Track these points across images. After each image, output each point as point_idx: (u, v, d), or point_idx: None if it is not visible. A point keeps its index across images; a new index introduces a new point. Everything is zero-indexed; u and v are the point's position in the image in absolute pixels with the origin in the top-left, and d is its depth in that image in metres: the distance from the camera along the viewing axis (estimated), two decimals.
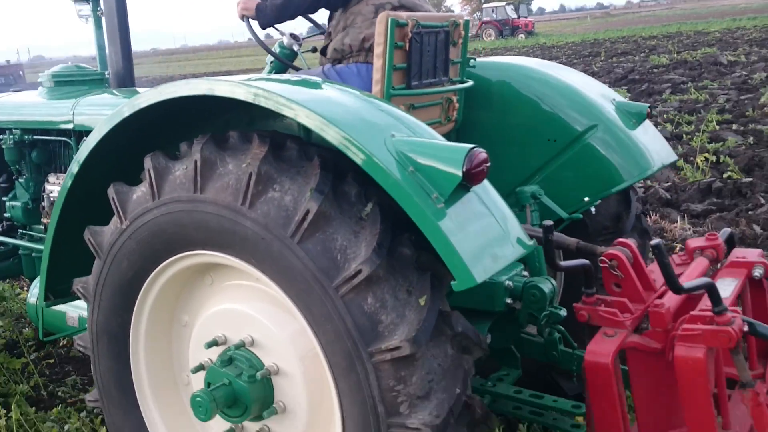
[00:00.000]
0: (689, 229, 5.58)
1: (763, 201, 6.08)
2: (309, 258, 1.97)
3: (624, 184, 3.03)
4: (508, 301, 2.73)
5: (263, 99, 2.07)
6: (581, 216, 3.08)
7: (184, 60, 72.97)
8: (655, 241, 2.14)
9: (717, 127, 9.38)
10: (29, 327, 4.81)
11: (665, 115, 10.77)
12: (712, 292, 2.01)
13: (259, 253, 2.08)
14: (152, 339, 2.56)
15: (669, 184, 6.91)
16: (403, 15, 2.72)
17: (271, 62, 3.48)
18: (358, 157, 1.92)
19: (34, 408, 3.72)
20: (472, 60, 3.25)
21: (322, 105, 2.04)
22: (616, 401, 2.15)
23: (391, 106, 2.25)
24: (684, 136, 9.06)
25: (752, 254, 2.45)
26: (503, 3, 54.16)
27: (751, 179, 6.67)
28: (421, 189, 1.88)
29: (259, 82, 2.17)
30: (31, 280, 3.95)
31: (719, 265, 2.49)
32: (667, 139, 9.03)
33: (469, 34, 3.25)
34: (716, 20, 42.96)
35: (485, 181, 2.05)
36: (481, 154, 1.90)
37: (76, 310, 3.26)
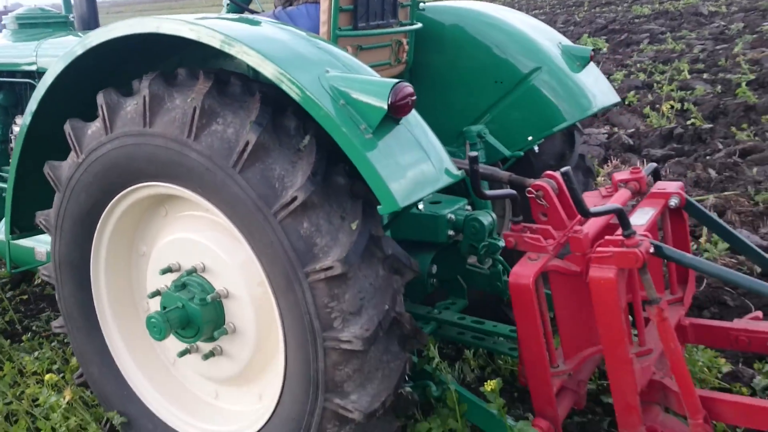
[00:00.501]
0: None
1: (720, 146, 6.26)
2: (249, 186, 2.11)
3: (565, 124, 3.17)
4: (451, 233, 2.90)
5: (206, 37, 2.18)
6: (522, 154, 3.23)
7: (166, 9, 71.53)
8: (564, 168, 2.30)
9: (688, 76, 9.49)
10: (3, 267, 4.95)
11: (639, 65, 10.86)
12: (621, 216, 2.18)
13: (205, 183, 2.22)
14: (112, 267, 2.72)
15: (633, 130, 7.07)
16: None
17: (228, 5, 3.55)
18: (293, 92, 2.05)
19: (9, 340, 3.90)
20: (421, 3, 3.35)
21: (261, 43, 2.15)
22: (538, 319, 2.33)
23: (329, 44, 2.36)
24: (655, 85, 9.17)
25: (671, 186, 2.61)
26: None
27: (711, 126, 6.83)
28: (351, 121, 2.02)
29: (205, 21, 2.27)
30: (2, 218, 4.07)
31: (642, 196, 2.65)
32: (638, 88, 9.19)
33: None
34: None
35: (415, 115, 2.19)
36: (407, 88, 2.03)
37: (43, 245, 3.38)
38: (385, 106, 1.99)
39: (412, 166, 2.09)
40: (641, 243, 2.16)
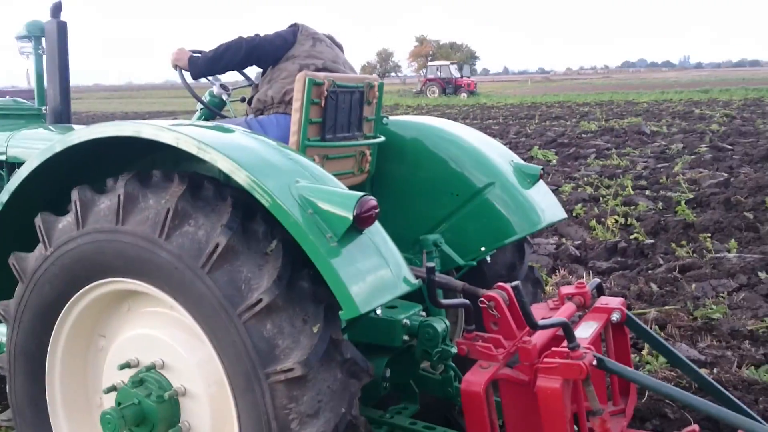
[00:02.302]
0: None
1: (662, 261, 6.57)
2: (217, 287, 2.20)
3: (515, 237, 3.36)
4: (406, 337, 3.00)
5: (184, 143, 2.32)
6: (475, 263, 3.39)
7: (127, 98, 72.38)
8: (514, 282, 2.45)
9: (632, 192, 10.00)
10: None
11: (586, 179, 11.40)
12: (566, 329, 2.32)
13: (173, 281, 2.29)
14: (69, 361, 2.72)
15: (580, 242, 7.38)
16: (320, 75, 3.03)
17: (201, 109, 3.73)
18: (264, 199, 2.18)
19: None
20: (385, 118, 3.57)
21: (235, 151, 2.30)
22: (488, 426, 2.42)
23: (298, 155, 2.52)
24: (601, 198, 9.63)
25: (614, 301, 2.79)
26: (447, 62, 55.92)
27: (653, 241, 7.18)
28: (318, 229, 2.15)
29: (182, 127, 2.42)
30: None
31: (586, 310, 2.82)
32: (585, 200, 9.61)
33: (415, 90, 3.59)
34: (646, 92, 45.24)
35: (377, 226, 2.33)
36: (371, 201, 2.18)
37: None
38: (351, 217, 2.13)
39: (373, 274, 2.21)
40: (585, 356, 2.30)
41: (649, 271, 6.34)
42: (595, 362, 2.31)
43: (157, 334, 2.54)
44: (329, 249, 2.13)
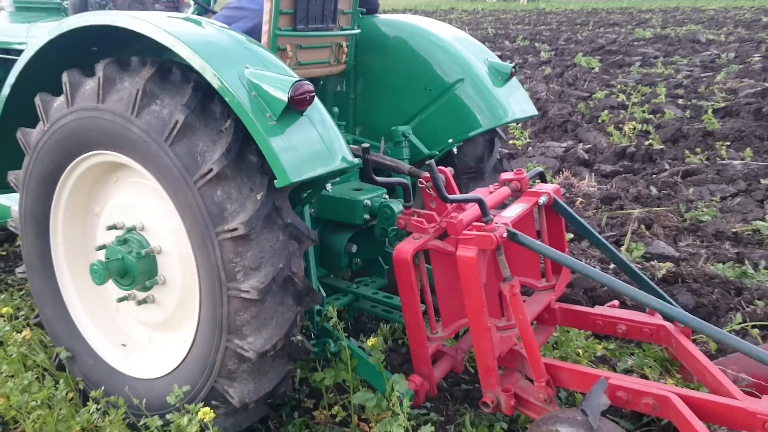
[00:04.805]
0: (595, 186, 6.18)
1: (667, 167, 6.67)
2: (177, 158, 2.55)
3: (481, 129, 3.61)
4: (367, 216, 3.34)
5: (150, 31, 2.62)
6: (438, 153, 3.67)
7: None
8: (429, 161, 2.74)
9: (663, 101, 9.89)
10: None
11: (621, 86, 11.27)
12: (481, 205, 2.62)
13: (143, 153, 2.66)
14: (68, 223, 3.16)
15: (590, 146, 7.49)
16: None
17: (194, 5, 3.99)
18: (214, 82, 2.49)
19: None
20: (361, 11, 3.77)
21: (194, 38, 2.59)
22: (416, 289, 2.76)
23: (256, 45, 2.79)
24: (630, 106, 9.59)
25: (546, 187, 3.04)
26: None
27: (663, 147, 7.24)
28: (259, 109, 2.46)
29: (153, 17, 2.71)
30: None
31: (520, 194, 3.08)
32: (612, 107, 9.57)
33: None
34: None
35: (319, 109, 2.63)
36: (306, 85, 2.47)
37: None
38: (286, 99, 2.42)
39: (309, 149, 2.52)
40: (497, 229, 2.59)
41: (653, 176, 6.46)
42: (506, 235, 2.61)
43: (139, 201, 2.94)
44: (268, 127, 2.44)
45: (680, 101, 9.96)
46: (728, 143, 7.44)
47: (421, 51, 3.76)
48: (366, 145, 2.77)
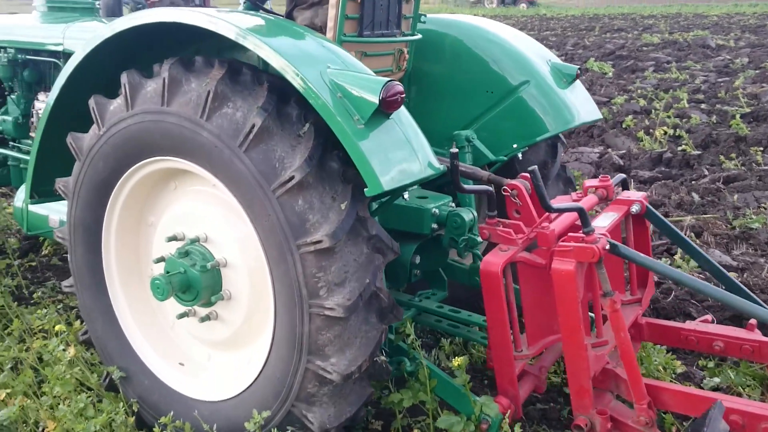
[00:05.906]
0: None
1: (707, 173, 6.51)
2: (253, 164, 2.36)
3: (547, 134, 3.42)
4: (434, 226, 3.15)
5: (224, 29, 2.44)
6: (505, 159, 3.48)
7: None
8: (531, 167, 2.55)
9: (686, 105, 9.75)
10: (15, 236, 5.21)
11: (640, 91, 11.13)
12: (582, 215, 2.43)
13: (213, 159, 2.47)
14: (122, 233, 2.97)
15: (624, 152, 7.32)
16: None
17: (244, 2, 3.81)
18: (296, 83, 2.31)
19: (16, 303, 4.15)
20: (423, 16, 3.61)
21: (272, 38, 2.41)
22: (504, 305, 2.57)
23: (333, 44, 2.62)
24: (653, 111, 9.44)
25: (636, 195, 2.87)
26: None
27: (700, 153, 7.08)
28: (346, 112, 2.27)
29: (223, 14, 2.54)
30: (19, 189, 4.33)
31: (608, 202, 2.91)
32: (636, 112, 9.43)
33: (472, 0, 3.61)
34: (718, 5, 42.87)
35: (405, 113, 2.44)
36: (397, 86, 2.28)
37: (56, 213, 3.64)
38: (377, 101, 2.24)
39: (398, 156, 2.34)
40: (599, 240, 2.41)
41: (693, 182, 6.30)
42: (608, 247, 2.43)
43: (201, 210, 2.74)
44: (356, 130, 2.26)
45: (703, 106, 9.81)
46: (761, 149, 7.28)
47: (481, 52, 3.58)
48: (455, 150, 2.59)
